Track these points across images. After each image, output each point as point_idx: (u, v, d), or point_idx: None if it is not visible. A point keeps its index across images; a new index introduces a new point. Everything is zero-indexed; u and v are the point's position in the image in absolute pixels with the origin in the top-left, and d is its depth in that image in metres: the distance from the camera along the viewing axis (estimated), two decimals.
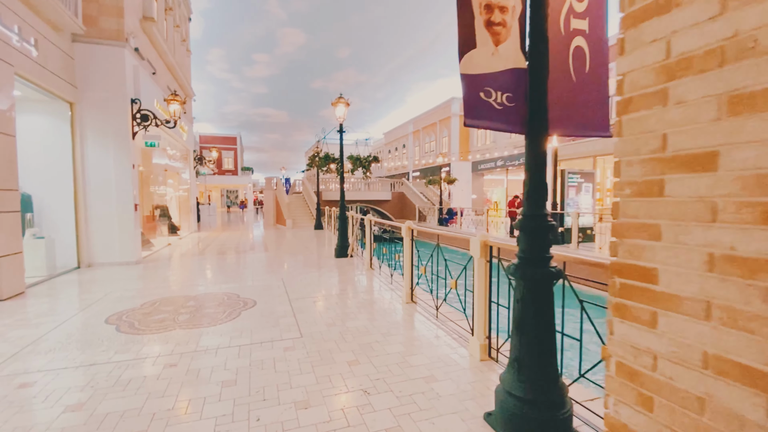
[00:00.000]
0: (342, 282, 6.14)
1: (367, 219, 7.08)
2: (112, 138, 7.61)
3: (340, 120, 8.41)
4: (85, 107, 7.44)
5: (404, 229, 4.77)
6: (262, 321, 4.17)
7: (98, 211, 7.60)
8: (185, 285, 5.94)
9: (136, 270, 7.21)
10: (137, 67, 8.10)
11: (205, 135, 47.25)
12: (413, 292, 4.84)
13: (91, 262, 7.62)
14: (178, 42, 12.76)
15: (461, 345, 3.46)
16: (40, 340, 3.64)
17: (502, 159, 26.17)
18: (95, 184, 7.56)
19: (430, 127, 33.10)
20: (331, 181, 23.28)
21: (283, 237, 13.53)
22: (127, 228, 7.77)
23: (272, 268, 7.39)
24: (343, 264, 7.74)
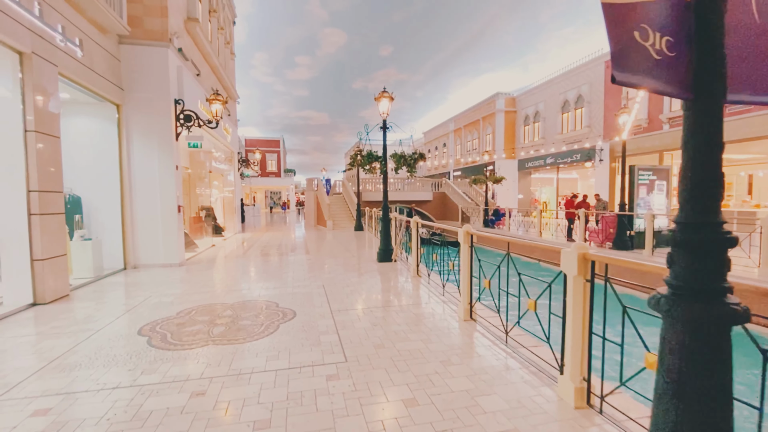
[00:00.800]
0: (387, 291, 5.56)
1: (413, 221, 6.47)
2: (156, 139, 7.58)
3: (384, 116, 7.86)
4: (131, 109, 7.45)
5: (462, 234, 4.10)
6: (302, 337, 3.68)
7: (143, 212, 7.60)
8: (224, 290, 5.65)
9: (178, 273, 7.09)
10: (181, 68, 8.05)
11: (251, 138, 48.83)
12: (473, 309, 4.15)
13: (137, 263, 7.63)
14: (222, 44, 12.86)
15: (544, 383, 2.74)
16: (70, 353, 3.37)
17: (552, 156, 24.54)
18: (140, 185, 7.56)
19: (473, 124, 31.87)
20: (370, 181, 22.92)
21: (324, 238, 13.25)
22: (170, 230, 7.71)
23: (313, 272, 6.98)
24: (386, 269, 7.18)
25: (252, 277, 6.65)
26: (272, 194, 56.21)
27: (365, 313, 4.48)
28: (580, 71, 22.50)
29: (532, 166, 26.75)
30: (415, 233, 6.46)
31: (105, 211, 7.37)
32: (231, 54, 14.68)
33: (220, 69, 11.82)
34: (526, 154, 27.23)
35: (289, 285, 5.95)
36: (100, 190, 7.33)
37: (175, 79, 7.88)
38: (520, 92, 28.13)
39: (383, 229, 8.00)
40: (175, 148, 7.78)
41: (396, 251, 7.86)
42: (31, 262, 4.88)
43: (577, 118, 23.06)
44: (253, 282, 6.27)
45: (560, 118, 24.23)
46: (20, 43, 4.64)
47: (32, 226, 4.86)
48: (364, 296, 5.25)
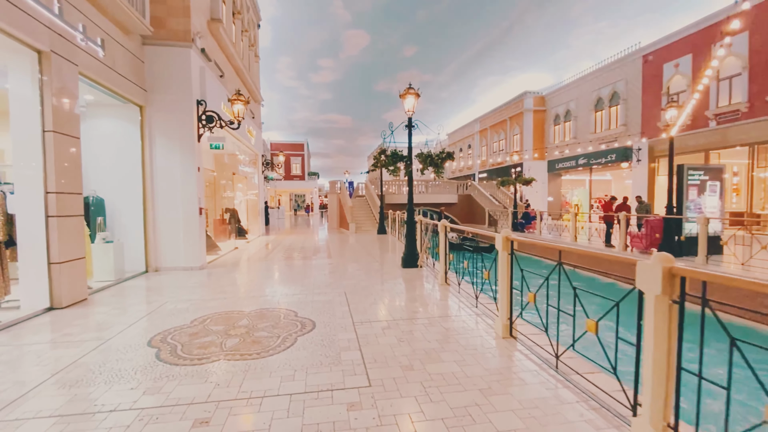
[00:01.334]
0: (413, 300, 5.13)
1: (441, 224, 6.01)
2: (179, 140, 7.48)
3: (409, 113, 7.46)
4: (154, 110, 7.39)
5: (500, 240, 3.62)
6: (321, 354, 3.31)
7: (165, 215, 7.50)
8: (242, 296, 5.38)
9: (198, 277, 6.92)
10: (203, 69, 7.95)
11: (276, 142, 49.59)
12: (512, 325, 3.66)
13: (158, 266, 7.54)
14: (246, 47, 12.85)
15: (612, 425, 2.25)
16: (74, 365, 3.14)
17: (584, 157, 23.39)
18: (162, 187, 7.47)
19: (500, 125, 30.97)
20: (393, 183, 22.53)
21: (346, 242, 12.96)
22: (191, 233, 7.58)
23: (334, 278, 6.64)
24: (411, 276, 6.74)
25: (271, 283, 6.37)
26: (296, 197, 56.87)
27: (390, 325, 4.07)
28: (615, 67, 21.35)
29: (562, 167, 25.63)
30: (443, 238, 6.01)
31: (128, 214, 7.31)
32: (255, 57, 14.71)
33: (244, 71, 11.78)
34: (557, 154, 26.13)
35: (310, 292, 5.62)
36: (124, 192, 7.28)
37: (198, 80, 7.78)
38: (550, 91, 27.07)
39: (408, 233, 7.58)
40: (197, 150, 7.66)
41: (422, 257, 7.42)
42: (48, 265, 4.76)
43: (611, 117, 21.88)
44: (272, 288, 5.98)
45: (593, 117, 23.08)
46: (38, 41, 4.55)
47: (49, 228, 4.75)
48: (389, 306, 4.84)
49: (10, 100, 4.64)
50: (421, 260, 7.28)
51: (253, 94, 14.06)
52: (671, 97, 18.15)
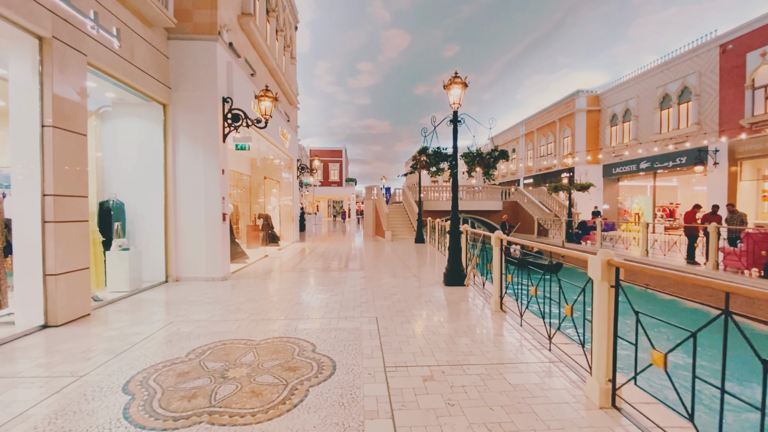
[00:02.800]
0: (462, 334, 4.06)
1: (495, 237, 4.89)
2: (202, 141, 6.94)
3: (455, 106, 6.43)
4: (177, 109, 6.91)
5: (597, 265, 2.51)
6: (337, 422, 2.36)
7: (186, 221, 6.97)
8: (257, 318, 4.58)
9: (217, 289, 6.27)
10: (231, 64, 7.41)
11: (315, 149, 50.11)
12: (617, 391, 2.51)
13: (179, 276, 7.00)
14: (281, 47, 12.42)
15: None
16: (22, 417, 2.41)
17: (647, 160, 20.99)
18: (184, 191, 6.96)
19: (548, 127, 28.93)
20: (432, 189, 21.40)
21: (382, 251, 12.03)
22: (214, 240, 6.99)
23: (366, 295, 5.71)
24: (457, 298, 5.66)
25: (293, 301, 5.54)
26: (334, 203, 57.12)
27: (434, 374, 3.04)
28: (685, 59, 18.96)
29: (620, 172, 23.24)
30: (497, 254, 4.89)
31: (150, 219, 6.85)
32: (291, 59, 14.32)
33: (278, 72, 11.31)
34: (613, 158, 23.77)
35: (335, 314, 4.72)
36: (146, 196, 6.83)
37: (224, 76, 7.24)
38: (606, 89, 24.78)
39: (452, 246, 6.50)
40: (222, 151, 7.09)
41: (469, 274, 6.31)
42: (43, 277, 4.22)
43: (681, 115, 19.43)
44: (292, 307, 5.15)
45: (658, 116, 20.67)
46: (39, 26, 4.05)
47: (46, 235, 4.21)
48: (431, 341, 3.81)
49: (10, 92, 4.18)
50: (468, 278, 6.17)
51: (288, 97, 13.64)
52: (756, 90, 15.66)
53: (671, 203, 24.19)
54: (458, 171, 6.33)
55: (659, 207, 23.24)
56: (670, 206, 23.82)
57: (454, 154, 6.37)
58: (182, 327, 4.25)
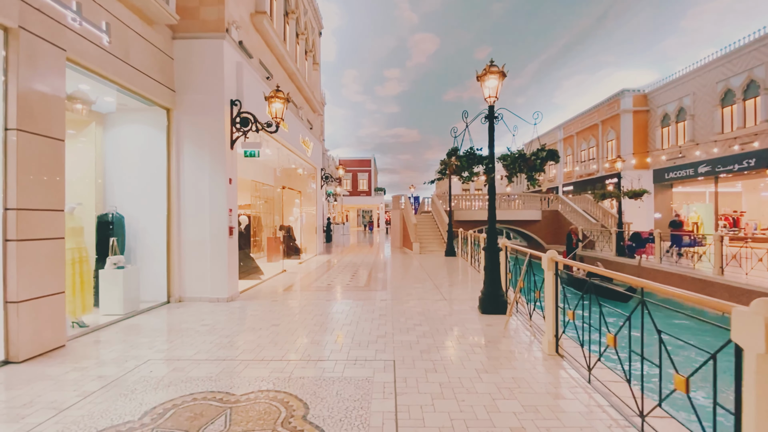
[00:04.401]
0: (509, 394, 3.00)
1: (547, 259, 3.81)
2: (208, 147, 6.33)
3: (491, 100, 5.43)
4: (182, 113, 6.36)
5: (753, 326, 1.44)
6: None
7: (191, 235, 6.35)
8: (247, 358, 3.75)
9: (218, 314, 5.54)
10: (241, 65, 6.82)
11: (343, 159, 50.07)
12: None
13: (183, 296, 6.36)
14: (302, 51, 11.91)
15: None
16: None
17: (707, 163, 18.77)
18: (189, 203, 6.36)
19: (588, 130, 26.97)
20: (463, 198, 20.19)
21: (409, 266, 11.03)
22: (220, 257, 6.31)
23: (384, 327, 4.76)
24: (497, 332, 4.59)
25: (297, 332, 4.68)
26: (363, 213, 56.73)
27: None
28: (751, 49, 16.84)
29: (674, 177, 21.02)
30: (551, 281, 3.80)
31: (153, 234, 6.28)
32: (315, 64, 13.83)
33: (298, 76, 10.75)
34: (665, 162, 21.57)
35: (344, 355, 3.80)
36: (149, 209, 6.29)
37: (233, 77, 6.65)
38: (654, 87, 22.70)
39: (489, 265, 5.44)
40: (229, 158, 6.46)
41: (513, 302, 5.20)
42: (3, 305, 3.61)
43: (747, 111, 17.21)
44: (294, 343, 4.28)
45: (719, 114, 18.48)
46: (1, 14, 3.50)
47: (7, 256, 3.61)
48: (466, 408, 2.80)
49: None
50: (512, 306, 5.06)
51: (311, 104, 13.10)
52: None
53: (735, 211, 21.57)
54: (495, 176, 5.31)
55: (721, 215, 20.74)
56: (733, 214, 21.22)
57: (490, 155, 5.36)
58: (157, 369, 3.48)
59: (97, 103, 5.86)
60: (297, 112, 11.34)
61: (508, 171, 5.31)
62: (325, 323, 5.01)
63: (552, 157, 4.94)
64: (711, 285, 8.95)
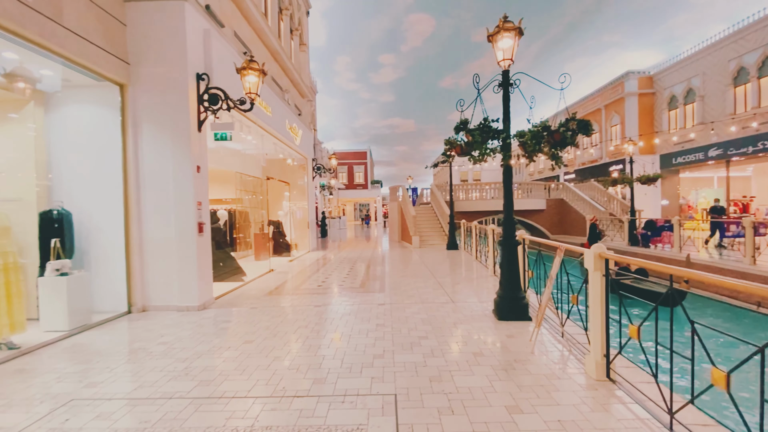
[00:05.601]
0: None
1: (594, 254, 2.92)
2: (171, 129, 5.38)
3: (506, 63, 4.50)
4: (139, 90, 5.38)
5: None
6: None
7: (154, 233, 5.42)
8: (201, 396, 2.85)
9: (183, 327, 4.63)
10: (209, 33, 5.82)
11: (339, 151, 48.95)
12: None
13: (146, 304, 5.45)
14: (288, 30, 10.86)
15: None
16: None
17: (718, 146, 17.91)
18: (151, 196, 5.41)
19: (591, 115, 26.02)
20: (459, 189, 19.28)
21: (408, 263, 10.14)
22: (187, 258, 5.39)
23: (382, 345, 3.86)
24: (522, 346, 3.71)
25: (272, 354, 3.78)
26: (361, 206, 55.77)
27: None
28: (766, 23, 15.84)
29: (683, 162, 20.16)
30: (598, 282, 2.91)
31: (109, 232, 5.34)
32: (302, 45, 12.77)
33: (282, 55, 9.74)
34: (673, 146, 20.70)
35: (328, 389, 2.90)
36: (105, 203, 5.34)
37: (200, 47, 5.66)
38: (661, 68, 21.72)
39: (506, 262, 4.55)
40: (196, 142, 5.51)
41: (542, 307, 4.32)
42: None
43: (763, 90, 16.30)
44: (266, 369, 3.38)
45: (731, 94, 17.58)
46: None
47: None
48: None
49: None
50: (542, 314, 4.18)
51: (298, 87, 12.07)
52: None
53: (744, 196, 20.78)
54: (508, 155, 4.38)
55: (733, 200, 19.94)
56: (743, 200, 20.44)
57: (505, 129, 4.44)
58: (76, 417, 2.57)
59: (39, 80, 4.88)
60: (283, 95, 10.35)
61: (527, 150, 4.38)
62: (311, 338, 4.11)
63: (585, 128, 4.04)
64: (744, 277, 8.12)
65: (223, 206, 10.14)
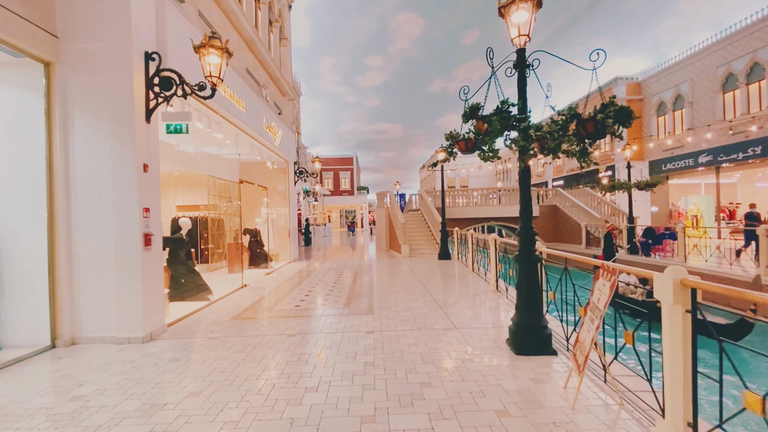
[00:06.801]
0: None
1: (675, 280, 2.07)
2: (111, 119, 4.36)
3: (521, 41, 3.69)
4: (70, 69, 4.37)
5: None
6: None
7: (87, 247, 4.37)
8: None
9: (112, 371, 3.59)
10: (163, 5, 4.85)
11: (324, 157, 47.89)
12: None
13: (77, 336, 4.37)
14: (265, 20, 9.93)
15: None
16: None
17: (708, 152, 17.72)
18: (84, 201, 4.37)
19: None
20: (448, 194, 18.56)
21: (398, 274, 9.23)
22: (129, 277, 4.35)
23: (373, 394, 2.93)
24: (555, 397, 2.83)
25: (223, 415, 2.80)
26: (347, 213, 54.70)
27: None
28: (757, 29, 15.79)
29: (672, 168, 19.97)
30: (682, 323, 2.05)
31: (27, 245, 4.26)
32: (283, 39, 11.84)
33: (260, 47, 8.79)
34: (662, 152, 20.53)
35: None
36: (23, 210, 4.27)
37: (150, 21, 4.68)
38: (649, 74, 21.63)
39: (525, 284, 3.68)
40: (143, 135, 4.50)
41: (584, 353, 3.46)
42: None
43: (751, 96, 16.18)
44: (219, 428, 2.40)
45: (720, 100, 17.45)
46: None
47: None
48: None
49: None
50: (584, 363, 3.32)
51: (278, 84, 11.12)
52: None
53: (730, 203, 20.74)
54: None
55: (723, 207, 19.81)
56: (729, 206, 20.37)
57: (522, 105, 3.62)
58: None
59: None
60: (260, 91, 9.38)
61: (547, 145, 3.55)
62: (278, 387, 3.14)
63: (626, 116, 3.22)
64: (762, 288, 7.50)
65: (189, 213, 9.05)
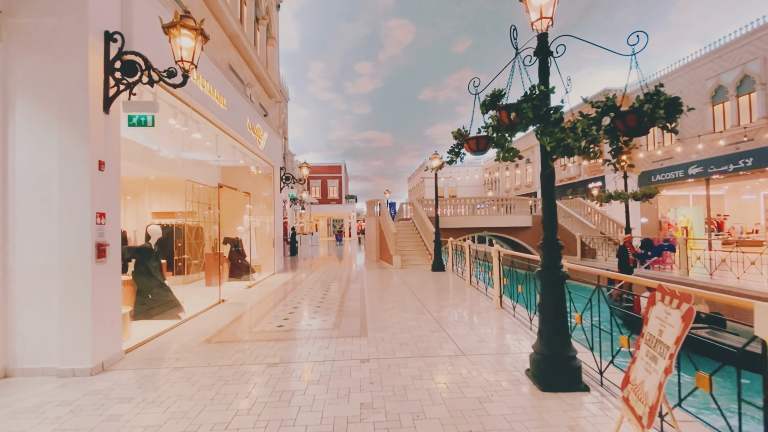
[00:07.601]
0: None
1: None
2: (60, 108, 3.68)
3: (543, 24, 3.21)
4: (12, 48, 3.69)
5: None
6: None
7: (26, 259, 3.64)
8: None
9: (44, 416, 2.86)
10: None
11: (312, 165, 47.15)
12: None
13: (10, 366, 3.61)
14: (251, 16, 9.35)
15: None
16: None
17: (698, 164, 17.74)
18: (22, 203, 3.66)
19: None
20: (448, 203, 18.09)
21: (389, 289, 8.60)
22: (76, 296, 3.62)
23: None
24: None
25: None
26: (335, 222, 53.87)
27: None
28: (744, 42, 15.96)
29: (662, 179, 19.95)
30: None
31: None
32: (270, 38, 11.28)
33: (244, 42, 8.19)
34: (652, 164, 20.56)
35: None
36: None
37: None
38: (637, 86, 21.77)
39: (550, 305, 3.12)
40: (99, 127, 3.83)
41: (657, 403, 2.89)
42: None
43: (741, 108, 16.29)
44: None
45: (710, 112, 17.55)
46: None
47: None
48: None
49: None
50: (646, 402, 2.74)
51: (264, 84, 10.51)
52: None
53: (718, 215, 20.87)
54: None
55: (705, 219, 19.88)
56: (717, 218, 20.48)
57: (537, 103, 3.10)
58: None
59: None
60: (244, 89, 8.75)
61: (577, 143, 3.03)
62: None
63: (675, 107, 2.72)
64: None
65: (164, 221, 8.30)
